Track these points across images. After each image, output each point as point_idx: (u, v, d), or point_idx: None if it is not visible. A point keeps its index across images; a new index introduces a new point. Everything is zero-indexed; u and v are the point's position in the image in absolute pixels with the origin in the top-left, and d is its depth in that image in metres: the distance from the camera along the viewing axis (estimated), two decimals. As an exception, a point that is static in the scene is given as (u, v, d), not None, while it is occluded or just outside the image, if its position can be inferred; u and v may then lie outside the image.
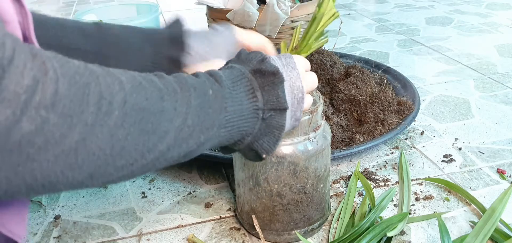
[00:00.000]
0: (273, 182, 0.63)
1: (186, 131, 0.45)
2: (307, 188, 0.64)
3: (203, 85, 0.48)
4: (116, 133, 0.38)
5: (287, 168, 0.62)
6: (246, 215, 0.68)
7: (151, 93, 0.41)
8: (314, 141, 0.63)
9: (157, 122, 0.41)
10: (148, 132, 0.41)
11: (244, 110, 0.51)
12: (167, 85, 0.44)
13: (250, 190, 0.66)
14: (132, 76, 0.41)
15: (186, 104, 0.45)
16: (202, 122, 0.46)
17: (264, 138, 0.54)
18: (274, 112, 0.53)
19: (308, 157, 0.62)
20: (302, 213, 0.65)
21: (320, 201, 0.67)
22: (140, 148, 0.40)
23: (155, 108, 0.41)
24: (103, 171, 0.39)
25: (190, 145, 0.46)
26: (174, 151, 0.44)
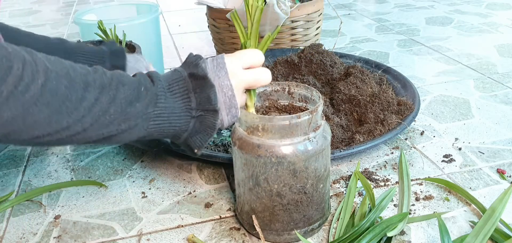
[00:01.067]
0: (273, 182, 0.63)
1: (107, 117, 0.53)
2: (307, 188, 0.64)
3: (136, 83, 0.56)
4: (29, 108, 0.46)
5: (287, 168, 0.62)
6: (246, 215, 0.68)
7: (75, 83, 0.50)
8: (314, 141, 0.63)
9: (74, 107, 0.50)
10: (62, 113, 0.49)
11: (177, 108, 0.58)
12: (97, 78, 0.53)
13: (250, 190, 0.66)
14: (62, 67, 0.50)
15: (111, 96, 0.53)
16: (126, 112, 0.54)
17: (197, 135, 0.61)
18: (206, 112, 0.60)
19: (308, 157, 0.63)
20: (302, 213, 0.66)
21: (320, 201, 0.67)
22: (54, 125, 0.49)
23: (74, 96, 0.50)
24: (18, 136, 0.48)
25: (111, 130, 0.54)
26: (92, 132, 0.53)
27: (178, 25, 1.89)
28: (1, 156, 0.94)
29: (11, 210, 0.77)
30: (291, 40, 1.27)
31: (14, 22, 2.04)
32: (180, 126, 0.59)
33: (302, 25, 1.25)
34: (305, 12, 1.24)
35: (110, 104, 0.53)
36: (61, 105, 0.49)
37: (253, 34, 0.67)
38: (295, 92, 0.71)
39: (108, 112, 0.53)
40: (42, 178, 0.85)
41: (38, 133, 0.49)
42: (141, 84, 0.56)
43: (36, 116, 0.47)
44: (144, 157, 0.91)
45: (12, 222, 0.74)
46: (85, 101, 0.51)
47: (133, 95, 0.55)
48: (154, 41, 1.25)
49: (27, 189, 0.82)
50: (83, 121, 0.51)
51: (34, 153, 0.94)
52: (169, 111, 0.58)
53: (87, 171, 0.87)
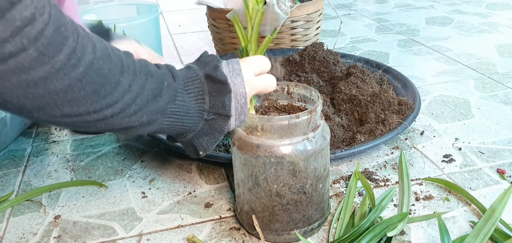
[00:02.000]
0: (272, 182, 0.63)
1: (133, 107, 0.51)
2: (306, 188, 0.64)
3: (161, 76, 0.55)
4: (74, 85, 0.45)
5: (286, 168, 0.62)
6: (246, 215, 0.68)
7: (115, 65, 0.49)
8: (313, 141, 0.63)
9: (111, 90, 0.49)
10: (99, 95, 0.48)
11: (191, 108, 0.57)
12: (130, 64, 0.51)
13: (249, 190, 0.66)
14: (105, 47, 0.49)
15: (140, 86, 0.52)
16: (150, 106, 0.53)
17: (204, 137, 0.60)
18: (217, 116, 0.59)
19: (307, 157, 0.63)
20: (301, 213, 0.65)
21: (320, 201, 0.67)
22: (88, 105, 0.47)
23: (113, 79, 0.49)
24: (50, 110, 0.45)
25: (132, 121, 0.52)
26: (116, 120, 0.51)
27: (178, 25, 1.89)
28: (1, 156, 0.94)
29: (11, 210, 0.77)
30: (291, 40, 1.27)
31: (14, 22, 2.03)
32: (190, 126, 0.58)
33: (302, 25, 1.25)
34: (305, 12, 1.24)
35: (139, 94, 0.52)
36: (101, 86, 0.47)
37: (253, 37, 0.66)
38: (294, 92, 0.71)
39: (135, 102, 0.52)
40: (42, 178, 0.85)
41: (70, 111, 0.47)
42: (165, 78, 0.55)
43: (77, 93, 0.46)
44: (144, 157, 0.91)
45: (12, 222, 0.74)
46: (120, 86, 0.49)
47: (158, 88, 0.54)
48: (154, 41, 1.25)
49: (27, 189, 0.82)
50: (114, 107, 0.50)
51: (34, 153, 0.94)
52: (185, 110, 0.57)
53: (87, 171, 0.87)
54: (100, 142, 0.97)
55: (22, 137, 1.01)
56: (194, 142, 0.60)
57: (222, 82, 0.58)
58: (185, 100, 0.57)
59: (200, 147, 0.60)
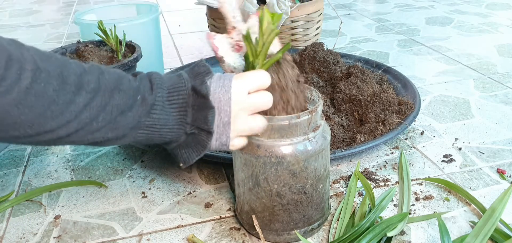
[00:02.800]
0: (272, 182, 0.63)
1: (94, 125, 0.50)
2: (306, 188, 0.64)
3: (133, 91, 0.53)
4: (9, 110, 0.44)
5: (286, 168, 0.62)
6: (246, 215, 0.68)
7: (67, 86, 0.48)
8: (313, 141, 0.63)
9: (60, 111, 0.47)
10: (47, 117, 0.47)
11: (170, 120, 0.56)
12: (91, 81, 0.50)
13: (249, 190, 0.66)
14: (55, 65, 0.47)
15: (103, 102, 0.50)
16: (116, 122, 0.52)
17: (186, 149, 0.59)
18: (199, 130, 0.57)
19: (308, 157, 0.63)
20: (301, 213, 0.66)
21: (320, 201, 0.67)
22: (35, 127, 0.46)
23: (62, 100, 0.47)
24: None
25: (97, 137, 0.52)
26: (76, 138, 0.50)
27: (178, 25, 1.89)
28: (1, 156, 0.94)
29: (11, 210, 0.77)
30: (291, 40, 1.27)
31: (14, 22, 2.04)
32: (170, 138, 0.57)
33: (302, 25, 1.25)
34: (305, 12, 1.24)
35: (100, 111, 0.50)
36: (46, 109, 0.46)
37: (262, 54, 0.63)
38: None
39: (96, 120, 0.50)
40: (42, 178, 0.85)
41: (17, 134, 0.46)
42: (139, 91, 0.54)
43: (16, 118, 0.45)
44: (144, 157, 0.91)
45: (12, 222, 0.74)
46: (73, 105, 0.48)
47: (127, 103, 0.52)
48: (154, 41, 1.25)
49: (27, 189, 0.82)
50: (68, 126, 0.49)
51: (34, 153, 0.94)
52: (162, 123, 0.56)
53: (87, 171, 0.87)
54: (100, 142, 0.97)
55: (22, 137, 1.01)
56: (175, 153, 0.60)
57: (204, 96, 0.57)
58: (164, 112, 0.55)
59: (181, 158, 0.60)
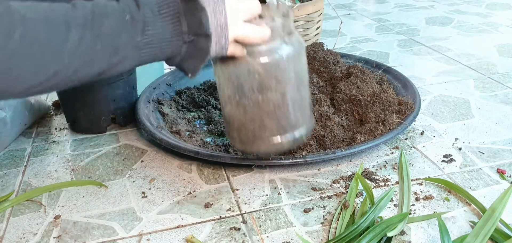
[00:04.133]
0: (258, 91, 0.66)
1: (95, 55, 0.50)
2: (290, 91, 0.67)
3: (119, 12, 0.52)
4: (11, 64, 0.44)
5: (269, 73, 0.65)
6: (237, 131, 0.71)
7: (55, 25, 0.47)
8: (290, 43, 0.66)
9: (58, 52, 0.47)
10: (47, 61, 0.47)
11: (167, 33, 0.56)
12: (78, 16, 0.49)
13: (237, 104, 0.68)
14: (39, 10, 0.47)
15: (95, 32, 0.50)
16: (113, 46, 0.52)
17: (190, 59, 0.60)
18: (197, 37, 0.58)
19: (288, 58, 0.66)
20: (288, 119, 0.69)
21: (304, 106, 0.71)
22: (42, 74, 0.47)
23: (56, 40, 0.47)
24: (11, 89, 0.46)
25: (102, 66, 0.52)
26: (84, 72, 0.51)
27: None
28: (1, 156, 0.94)
29: (11, 210, 0.77)
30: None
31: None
32: (172, 51, 0.58)
33: (302, 25, 1.25)
34: (305, 12, 1.24)
35: (96, 40, 0.50)
36: (44, 53, 0.46)
37: None
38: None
39: (95, 49, 0.50)
40: (42, 178, 0.85)
41: (29, 84, 0.47)
42: (125, 11, 0.53)
43: (21, 69, 0.45)
44: (144, 157, 0.91)
45: (12, 222, 0.74)
46: (69, 43, 0.48)
47: (117, 26, 0.52)
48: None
49: (27, 189, 0.82)
50: (71, 64, 0.49)
51: (34, 153, 0.94)
52: (159, 38, 0.55)
53: (87, 171, 0.87)
54: (100, 142, 0.97)
55: (22, 137, 1.01)
56: (182, 65, 0.60)
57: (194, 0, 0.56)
58: (157, 27, 0.55)
59: (187, 69, 0.61)
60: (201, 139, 0.92)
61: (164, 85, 1.11)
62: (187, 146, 0.85)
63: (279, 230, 0.69)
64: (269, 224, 0.71)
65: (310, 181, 0.80)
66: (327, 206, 0.74)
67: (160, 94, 1.07)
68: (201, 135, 0.94)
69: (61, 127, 1.04)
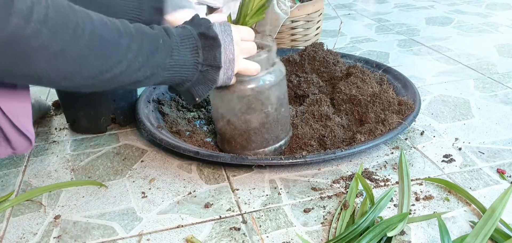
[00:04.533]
0: (245, 111, 0.79)
1: (136, 64, 0.61)
2: (272, 112, 0.81)
3: (156, 35, 0.64)
4: (84, 51, 0.54)
5: (255, 98, 0.78)
6: (228, 143, 0.84)
7: (112, 31, 0.58)
8: (273, 73, 0.79)
9: (114, 51, 0.58)
10: (106, 57, 0.57)
11: (187, 61, 0.67)
12: (126, 28, 0.60)
13: (228, 122, 0.82)
14: (101, 17, 0.58)
15: (138, 45, 0.61)
16: (150, 61, 0.62)
17: (199, 86, 0.71)
18: (210, 67, 0.69)
19: (270, 86, 0.79)
20: (271, 133, 0.82)
21: (284, 122, 0.85)
22: (100, 66, 0.57)
23: (114, 41, 0.58)
24: (72, 77, 0.55)
25: (139, 76, 0.62)
26: (126, 77, 0.61)
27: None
28: (1, 156, 0.94)
29: (11, 210, 0.77)
30: (291, 40, 1.27)
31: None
32: (187, 77, 0.68)
33: (302, 25, 1.25)
34: (305, 12, 1.24)
35: (139, 52, 0.61)
36: (106, 49, 0.57)
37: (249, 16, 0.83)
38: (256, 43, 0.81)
39: (137, 59, 0.61)
40: (42, 178, 0.85)
41: (88, 74, 0.56)
42: (159, 36, 0.64)
43: (89, 57, 0.55)
44: (144, 157, 0.91)
45: (12, 222, 0.74)
46: (121, 47, 0.59)
47: (154, 46, 0.63)
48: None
49: (27, 189, 0.82)
50: (120, 65, 0.59)
51: (34, 153, 0.94)
52: (181, 63, 0.67)
53: (87, 171, 0.87)
54: (100, 142, 0.97)
55: (22, 137, 1.00)
56: (191, 91, 0.71)
57: (213, 38, 0.68)
58: (181, 54, 0.66)
59: (196, 94, 0.71)
60: (201, 139, 0.92)
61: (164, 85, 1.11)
62: (187, 146, 0.85)
63: (279, 230, 0.69)
64: (269, 224, 0.71)
65: (310, 181, 0.80)
66: (327, 206, 0.74)
67: (160, 94, 1.07)
68: (201, 135, 0.94)
69: (61, 127, 1.04)
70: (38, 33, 0.50)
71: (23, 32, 0.49)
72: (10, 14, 0.47)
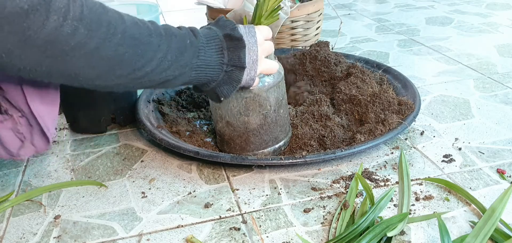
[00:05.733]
0: (244, 113, 0.80)
1: (166, 63, 0.62)
2: (270, 114, 0.81)
3: (183, 36, 0.65)
4: (118, 49, 0.56)
5: (253, 99, 0.79)
6: (227, 143, 0.85)
7: (143, 30, 0.60)
8: (271, 75, 0.80)
9: (145, 50, 0.59)
10: (138, 55, 0.59)
11: (212, 61, 0.69)
12: (156, 28, 0.62)
13: (227, 123, 0.82)
14: (131, 17, 0.59)
15: (168, 44, 0.62)
16: (178, 61, 0.64)
17: (224, 86, 0.72)
18: (235, 68, 0.71)
19: (269, 88, 0.79)
20: (269, 135, 0.83)
21: (283, 124, 0.85)
22: (133, 64, 0.59)
23: (145, 40, 0.59)
24: (107, 75, 0.57)
25: (168, 75, 0.64)
26: (156, 75, 0.62)
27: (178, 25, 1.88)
28: (1, 156, 0.94)
29: (11, 210, 0.77)
30: (291, 40, 1.27)
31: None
32: (212, 77, 0.70)
33: (302, 25, 1.25)
34: (305, 12, 1.24)
35: (168, 51, 0.62)
36: (137, 47, 0.58)
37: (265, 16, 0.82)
38: None
39: (167, 58, 0.62)
40: (42, 178, 0.85)
41: (121, 73, 0.58)
42: (186, 37, 0.65)
43: (122, 55, 0.57)
44: (144, 157, 0.91)
45: (12, 222, 0.74)
46: (152, 46, 0.60)
47: (182, 46, 0.64)
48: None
49: (27, 189, 0.82)
50: (151, 64, 0.60)
51: (34, 153, 0.94)
52: (207, 64, 0.68)
53: (87, 171, 0.87)
54: (100, 142, 0.97)
55: (22, 137, 1.01)
56: (217, 91, 0.73)
57: (238, 39, 0.69)
58: (207, 55, 0.68)
59: (221, 94, 0.73)
60: (201, 139, 0.92)
61: (164, 85, 1.10)
62: (187, 146, 0.85)
63: (279, 230, 0.69)
64: (269, 224, 0.71)
65: (310, 181, 0.80)
66: (327, 206, 0.74)
67: (160, 94, 1.07)
68: (201, 135, 0.94)
69: (61, 127, 1.04)
70: (75, 31, 0.51)
71: (61, 30, 0.50)
72: (49, 12, 0.49)
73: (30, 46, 0.50)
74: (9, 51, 0.49)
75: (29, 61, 0.51)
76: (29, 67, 0.52)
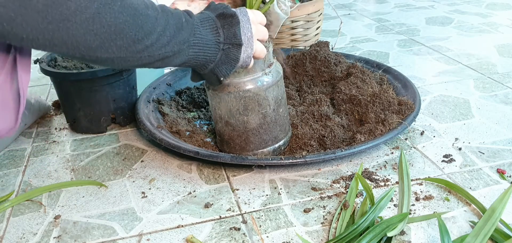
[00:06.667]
0: (243, 112, 0.80)
1: (164, 38, 0.63)
2: (270, 113, 0.81)
3: (179, 14, 0.66)
4: (118, 17, 0.56)
5: (252, 99, 0.79)
6: (226, 144, 0.85)
7: (140, 2, 0.60)
8: (270, 74, 0.80)
9: (145, 21, 0.60)
10: (138, 26, 0.59)
11: (209, 41, 0.69)
12: (152, 5, 0.62)
13: (226, 123, 0.82)
14: None
15: (166, 20, 0.63)
16: (176, 37, 0.64)
17: (223, 65, 0.72)
18: (231, 46, 0.71)
19: (268, 87, 0.79)
20: (269, 134, 0.83)
21: (283, 123, 0.85)
22: (132, 35, 0.59)
23: (144, 12, 0.60)
24: (108, 45, 0.57)
25: (167, 51, 0.64)
26: (155, 51, 0.62)
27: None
28: (1, 156, 0.94)
29: (11, 210, 0.77)
30: (291, 40, 1.27)
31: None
32: (210, 56, 0.70)
33: (302, 25, 1.25)
34: (305, 12, 1.24)
35: (166, 26, 0.63)
36: (137, 18, 0.58)
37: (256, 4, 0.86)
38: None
39: (165, 34, 0.62)
40: (42, 178, 0.85)
41: (121, 43, 0.58)
42: (182, 16, 0.66)
43: (122, 24, 0.57)
44: (144, 157, 0.91)
45: (12, 222, 0.74)
46: (150, 18, 0.60)
47: (179, 22, 0.65)
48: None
49: (27, 189, 0.82)
50: (150, 37, 0.61)
51: (34, 153, 0.94)
52: (204, 42, 0.69)
53: (87, 171, 0.87)
54: (100, 142, 0.97)
55: (22, 137, 1.01)
56: (215, 71, 0.73)
57: (231, 15, 0.70)
58: (202, 33, 0.68)
59: (220, 74, 0.73)
60: (201, 139, 0.92)
61: (164, 85, 1.11)
62: (187, 146, 0.85)
63: (279, 230, 0.69)
64: (269, 224, 0.71)
65: (310, 181, 0.80)
66: (327, 206, 0.74)
67: (160, 94, 1.07)
68: (201, 135, 0.94)
69: (61, 127, 1.04)
70: None
71: None
72: None
73: (31, 10, 0.50)
74: (11, 18, 0.49)
75: (31, 29, 0.51)
76: (32, 35, 0.52)
